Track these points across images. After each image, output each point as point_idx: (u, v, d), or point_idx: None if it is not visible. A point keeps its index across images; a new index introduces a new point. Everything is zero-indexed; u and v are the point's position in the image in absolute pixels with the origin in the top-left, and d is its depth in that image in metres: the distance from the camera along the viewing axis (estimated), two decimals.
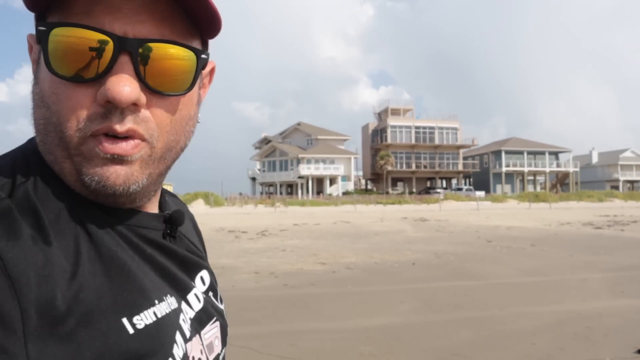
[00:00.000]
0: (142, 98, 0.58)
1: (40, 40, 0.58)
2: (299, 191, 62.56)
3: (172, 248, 0.72)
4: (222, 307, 0.83)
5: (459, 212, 36.25)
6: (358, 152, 70.88)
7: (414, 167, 67.12)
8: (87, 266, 0.56)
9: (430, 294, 7.38)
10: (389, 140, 65.75)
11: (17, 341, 0.47)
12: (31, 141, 0.66)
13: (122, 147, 0.58)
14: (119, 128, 0.57)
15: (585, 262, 10.51)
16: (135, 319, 0.58)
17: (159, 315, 0.62)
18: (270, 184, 68.24)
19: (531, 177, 74.56)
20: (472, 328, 5.53)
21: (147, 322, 0.59)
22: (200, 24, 0.63)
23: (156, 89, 0.60)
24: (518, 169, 69.58)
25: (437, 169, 67.54)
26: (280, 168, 65.81)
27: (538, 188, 73.68)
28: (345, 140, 71.05)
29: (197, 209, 42.43)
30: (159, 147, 0.62)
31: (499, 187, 68.69)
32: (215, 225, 22.99)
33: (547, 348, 4.83)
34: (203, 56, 0.64)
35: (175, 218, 0.73)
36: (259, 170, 69.70)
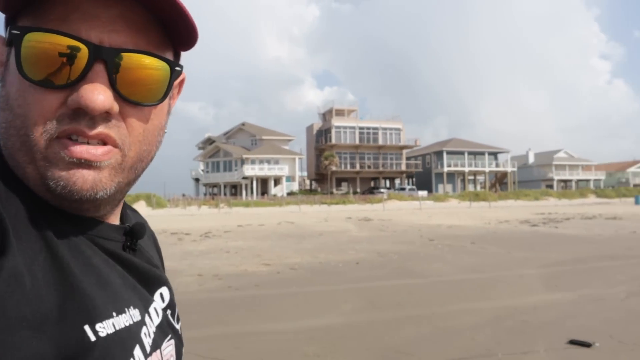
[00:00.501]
0: (115, 107, 0.57)
1: (13, 43, 0.57)
2: (244, 192, 62.04)
3: (132, 260, 0.70)
4: (178, 326, 0.82)
5: (402, 212, 36.90)
6: (302, 153, 71.03)
7: (358, 168, 67.83)
8: (45, 274, 0.54)
9: (374, 293, 7.45)
10: (334, 141, 66.17)
11: None
12: None
13: (91, 152, 0.57)
14: (89, 131, 0.56)
15: (522, 258, 10.90)
16: (98, 327, 0.56)
17: (118, 327, 0.59)
18: (214, 185, 67.35)
19: (472, 177, 76.74)
20: (414, 325, 5.61)
21: (109, 332, 0.57)
22: (176, 36, 0.63)
23: (129, 99, 0.59)
24: (459, 168, 71.49)
25: (380, 169, 68.50)
26: (224, 169, 65.02)
27: (478, 187, 75.92)
28: (289, 140, 70.99)
29: (139, 210, 41.22)
30: (130, 155, 0.62)
31: (440, 186, 70.37)
32: (157, 227, 22.45)
33: (485, 342, 4.96)
34: (177, 68, 0.64)
35: (136, 231, 0.72)
36: (202, 171, 68.60)
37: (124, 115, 0.60)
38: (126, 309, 0.63)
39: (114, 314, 0.60)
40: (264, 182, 63.54)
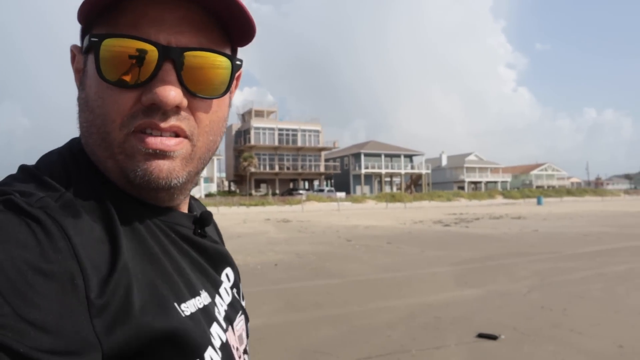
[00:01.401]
0: (185, 101, 0.64)
1: (92, 49, 0.63)
2: None
3: (204, 245, 0.78)
4: (243, 303, 0.89)
5: (321, 213, 37.22)
6: (221, 154, 69.96)
7: (277, 169, 67.69)
8: (135, 258, 0.60)
9: (292, 294, 7.46)
10: (253, 142, 65.68)
11: (85, 312, 0.51)
12: (75, 141, 0.71)
13: (165, 142, 0.63)
14: (163, 124, 0.62)
15: (435, 257, 11.27)
16: (183, 306, 0.63)
17: (196, 308, 0.66)
18: None
19: (388, 179, 78.75)
20: (332, 325, 5.67)
21: (192, 311, 0.64)
22: (235, 34, 0.69)
23: (196, 93, 0.65)
24: (376, 170, 73.12)
25: (299, 170, 68.76)
26: None
27: (394, 189, 78.04)
28: None
29: None
30: (199, 146, 0.68)
31: (358, 188, 71.64)
32: None
33: (400, 339, 5.10)
34: (237, 62, 0.70)
35: (204, 218, 0.79)
36: None
37: (192, 108, 0.66)
38: (200, 291, 0.69)
39: (191, 295, 0.67)
40: None
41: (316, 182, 72.57)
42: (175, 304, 0.62)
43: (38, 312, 0.47)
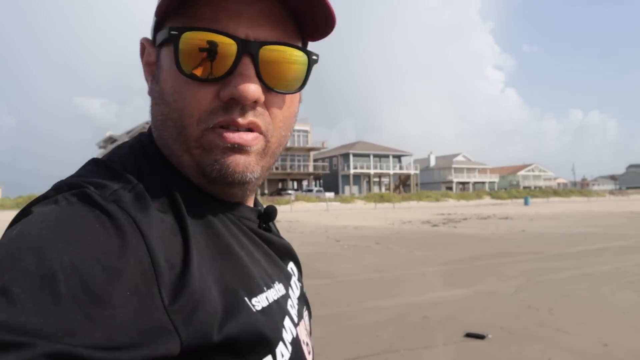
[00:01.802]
0: (262, 96, 0.64)
1: (169, 42, 0.63)
2: None
3: (271, 238, 0.79)
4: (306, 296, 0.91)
5: (310, 213, 37.19)
6: None
7: None
8: (206, 251, 0.60)
9: None
10: None
11: (160, 309, 0.51)
12: (143, 135, 0.72)
13: (243, 137, 0.63)
14: (241, 121, 0.63)
15: (423, 257, 11.32)
16: (254, 301, 0.62)
17: (270, 300, 0.66)
18: None
19: (377, 179, 78.89)
20: (321, 325, 5.68)
21: (263, 305, 0.64)
22: (311, 27, 0.68)
23: (273, 88, 0.65)
24: (365, 171, 73.23)
25: (288, 170, 68.65)
26: None
27: (383, 189, 78.22)
28: None
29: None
30: (272, 141, 0.68)
31: (347, 188, 71.73)
32: None
33: (389, 339, 5.12)
34: (314, 57, 0.69)
35: (269, 212, 0.80)
36: None
37: (268, 103, 0.66)
38: (273, 284, 0.69)
39: (265, 288, 0.66)
40: None
41: (305, 182, 72.51)
42: (246, 299, 0.61)
43: (111, 313, 0.47)
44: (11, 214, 37.19)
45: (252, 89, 0.61)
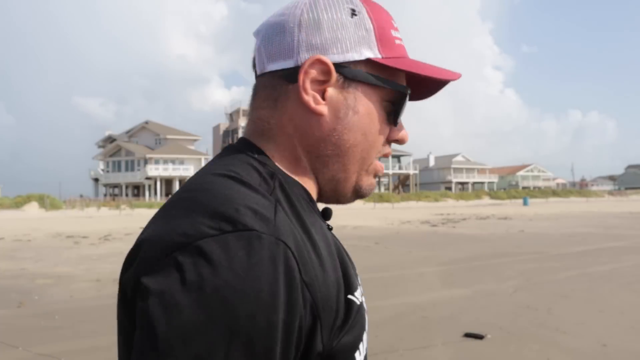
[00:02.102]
0: None
1: (402, 95, 0.76)
2: (147, 193, 59.99)
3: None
4: None
5: None
6: (209, 153, 69.69)
7: None
8: (328, 252, 0.64)
9: None
10: None
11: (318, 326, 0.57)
12: (254, 150, 0.73)
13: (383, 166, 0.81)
14: (389, 153, 0.81)
15: (423, 257, 11.33)
16: (357, 294, 0.68)
17: (360, 300, 0.70)
18: (115, 185, 64.61)
19: (376, 179, 78.78)
20: None
21: (361, 300, 0.71)
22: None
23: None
24: None
25: None
26: (126, 168, 62.49)
27: (382, 189, 78.20)
28: (195, 140, 69.55)
29: (30, 213, 38.80)
30: None
31: None
32: (51, 230, 21.17)
33: (388, 339, 5.12)
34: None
35: (328, 213, 0.85)
36: (102, 170, 65.44)
37: None
38: (358, 285, 0.72)
39: (358, 285, 0.72)
40: (168, 183, 61.75)
41: None
42: (349, 295, 0.65)
43: None
44: (10, 213, 37.20)
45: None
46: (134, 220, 29.52)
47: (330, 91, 0.71)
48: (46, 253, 12.98)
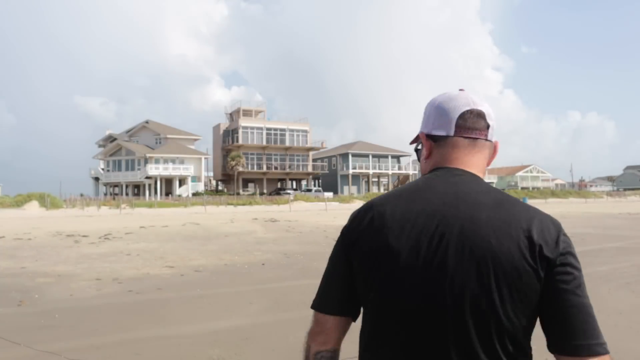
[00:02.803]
0: None
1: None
2: (147, 192, 59.94)
3: None
4: None
5: (308, 213, 37.26)
6: (209, 153, 69.72)
7: (264, 169, 67.58)
8: None
9: (280, 294, 7.49)
10: (241, 141, 65.54)
11: None
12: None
13: None
14: None
15: None
16: None
17: None
18: (115, 185, 64.57)
19: (375, 179, 78.95)
20: None
21: None
22: None
23: None
24: (364, 171, 73.30)
25: (287, 170, 68.72)
26: (126, 168, 62.47)
27: (382, 189, 78.24)
28: (195, 140, 69.53)
29: (31, 212, 38.77)
30: None
31: (346, 188, 71.76)
32: (51, 229, 21.17)
33: None
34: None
35: None
36: (102, 169, 65.42)
37: None
38: None
39: None
40: (168, 182, 61.74)
41: (304, 182, 72.59)
42: None
43: None
44: (11, 212, 37.16)
45: None
46: (133, 219, 29.55)
47: None
48: (46, 252, 13.02)
